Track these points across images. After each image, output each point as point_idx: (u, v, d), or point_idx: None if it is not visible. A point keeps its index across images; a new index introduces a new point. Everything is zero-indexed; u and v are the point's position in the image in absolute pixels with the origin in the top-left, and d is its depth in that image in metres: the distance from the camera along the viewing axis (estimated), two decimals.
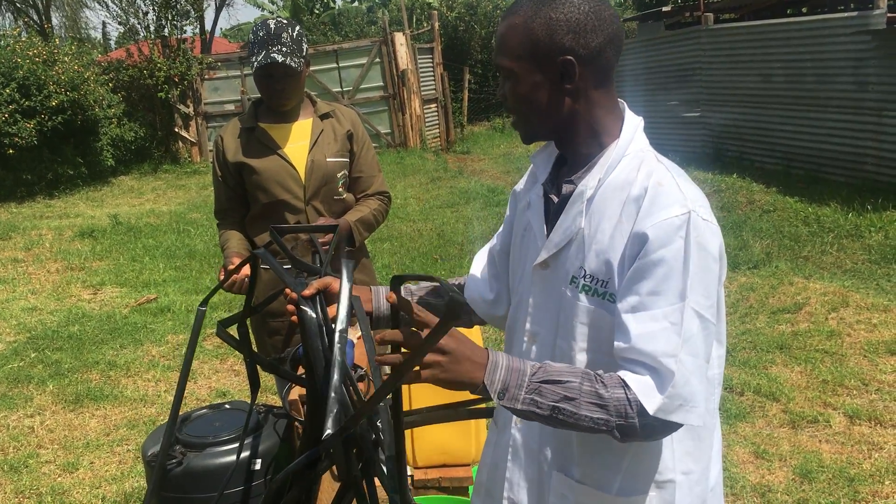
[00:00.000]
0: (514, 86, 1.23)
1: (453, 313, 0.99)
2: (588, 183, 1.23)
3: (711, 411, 1.26)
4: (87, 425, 3.91)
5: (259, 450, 1.81)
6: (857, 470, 3.05)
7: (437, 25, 14.22)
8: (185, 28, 14.21)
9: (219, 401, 3.38)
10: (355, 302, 1.34)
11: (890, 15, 7.16)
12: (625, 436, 1.12)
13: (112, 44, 30.90)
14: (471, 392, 1.14)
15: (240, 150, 2.50)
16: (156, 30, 13.58)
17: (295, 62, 2.35)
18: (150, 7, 13.70)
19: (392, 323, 1.20)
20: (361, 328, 1.30)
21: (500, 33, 1.23)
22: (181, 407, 1.56)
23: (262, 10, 26.61)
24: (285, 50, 2.33)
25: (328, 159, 2.50)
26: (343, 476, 1.28)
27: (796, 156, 8.62)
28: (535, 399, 1.11)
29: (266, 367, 1.58)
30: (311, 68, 8.94)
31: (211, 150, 6.02)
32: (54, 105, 10.76)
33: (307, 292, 1.34)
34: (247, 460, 1.78)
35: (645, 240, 1.13)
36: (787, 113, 8.72)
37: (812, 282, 5.15)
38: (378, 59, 13.05)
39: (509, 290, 1.43)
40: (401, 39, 12.93)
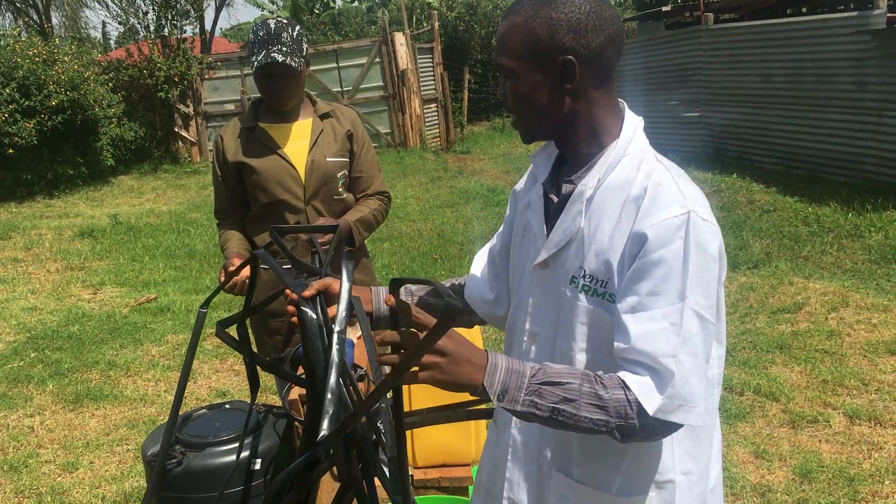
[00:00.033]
0: (515, 85, 1.23)
1: (450, 316, 0.99)
2: (588, 183, 1.23)
3: (711, 411, 1.26)
4: (87, 425, 3.91)
5: (259, 450, 1.81)
6: (857, 470, 3.05)
7: (437, 25, 14.22)
8: (184, 28, 14.25)
9: (219, 401, 3.39)
10: (355, 303, 1.34)
11: (890, 15, 7.16)
12: (625, 436, 1.12)
13: (112, 43, 30.88)
14: (470, 394, 1.13)
15: (240, 150, 2.50)
16: (156, 29, 13.59)
17: (295, 62, 2.35)
18: (150, 7, 13.72)
19: (391, 324, 1.20)
20: (362, 329, 1.30)
21: (501, 32, 1.23)
22: (181, 407, 1.56)
23: (262, 9, 26.60)
24: (285, 49, 2.33)
25: (328, 159, 2.50)
26: (343, 476, 1.28)
27: (796, 156, 8.62)
28: (535, 401, 1.11)
29: (265, 367, 1.58)
30: (311, 68, 8.94)
31: (211, 150, 6.02)
32: (54, 105, 10.76)
33: (307, 293, 1.34)
34: (246, 460, 1.78)
35: (644, 240, 1.13)
36: (787, 113, 8.72)
37: (812, 282, 5.15)
38: (378, 59, 13.05)
39: (509, 290, 1.43)
40: (401, 39, 12.93)
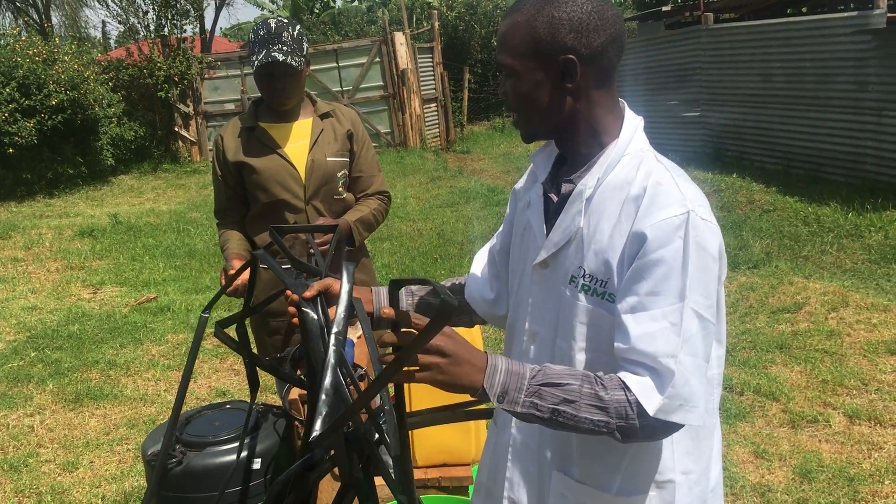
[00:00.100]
0: (516, 84, 1.23)
1: (444, 315, 0.99)
2: (587, 182, 1.23)
3: (711, 411, 1.26)
4: (87, 424, 3.91)
5: (259, 449, 1.81)
6: (857, 470, 3.05)
7: (437, 25, 14.22)
8: (184, 27, 14.25)
9: (219, 400, 3.39)
10: (356, 303, 1.34)
11: (890, 15, 7.16)
12: (626, 437, 1.12)
13: (112, 43, 30.86)
14: (470, 395, 1.13)
15: (240, 150, 2.49)
16: (156, 29, 13.59)
17: (295, 61, 2.35)
18: (150, 6, 13.71)
19: (392, 325, 1.20)
20: (363, 329, 1.30)
21: (503, 31, 1.23)
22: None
23: (262, 9, 26.58)
24: (286, 49, 2.33)
25: (328, 159, 2.50)
26: (343, 476, 1.28)
27: (796, 155, 8.62)
28: (535, 402, 1.11)
29: (265, 367, 1.58)
30: (311, 68, 8.92)
31: (211, 150, 6.02)
32: (54, 104, 10.76)
33: (308, 294, 1.34)
34: (246, 460, 1.78)
35: (644, 239, 1.13)
36: (787, 113, 8.71)
37: (812, 281, 5.15)
38: (378, 59, 13.04)
39: (509, 290, 1.42)
40: (401, 39, 12.93)
